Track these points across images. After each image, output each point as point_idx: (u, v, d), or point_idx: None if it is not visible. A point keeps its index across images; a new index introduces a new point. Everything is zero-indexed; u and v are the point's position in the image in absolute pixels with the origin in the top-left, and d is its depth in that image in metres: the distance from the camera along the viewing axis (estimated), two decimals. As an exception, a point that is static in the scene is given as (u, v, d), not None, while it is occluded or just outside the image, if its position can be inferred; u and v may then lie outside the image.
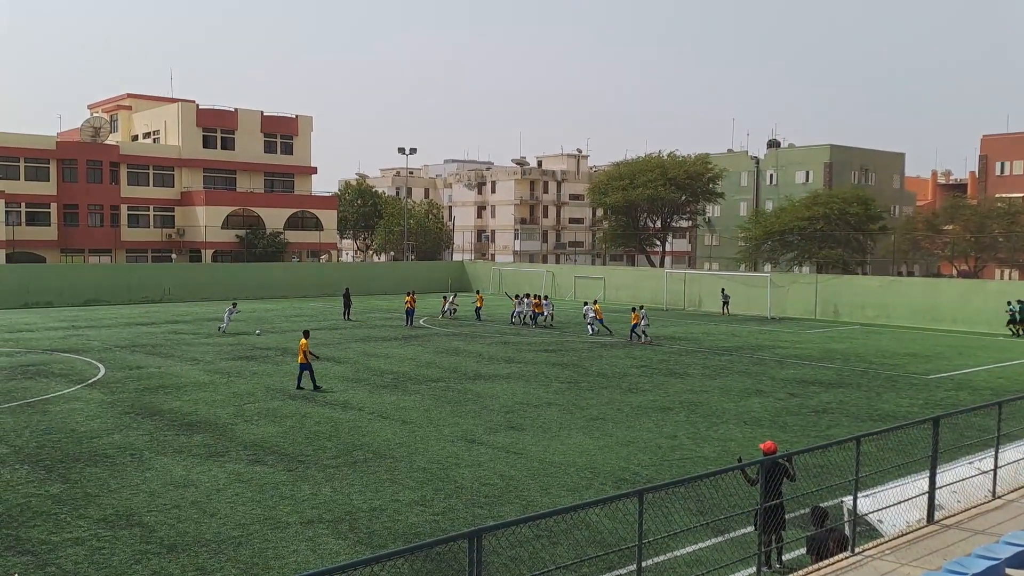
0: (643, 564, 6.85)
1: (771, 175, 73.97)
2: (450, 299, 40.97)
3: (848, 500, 8.67)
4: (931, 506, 9.00)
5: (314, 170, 66.17)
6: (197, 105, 60.91)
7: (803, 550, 9.45)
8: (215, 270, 53.39)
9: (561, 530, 10.52)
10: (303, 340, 21.09)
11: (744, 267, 59.45)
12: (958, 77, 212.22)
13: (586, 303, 36.32)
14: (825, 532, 8.65)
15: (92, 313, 41.17)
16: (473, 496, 12.39)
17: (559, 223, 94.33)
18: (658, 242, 67.88)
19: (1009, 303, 36.15)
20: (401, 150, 65.25)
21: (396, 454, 14.69)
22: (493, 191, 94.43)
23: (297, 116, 64.71)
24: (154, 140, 62.55)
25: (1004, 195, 61.20)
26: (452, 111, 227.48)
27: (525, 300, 37.82)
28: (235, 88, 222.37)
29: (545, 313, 37.21)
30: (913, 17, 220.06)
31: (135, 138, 64.42)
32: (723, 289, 44.69)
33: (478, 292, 46.47)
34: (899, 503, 8.87)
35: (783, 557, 9.88)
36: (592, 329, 34.07)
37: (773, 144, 76.78)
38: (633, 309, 32.86)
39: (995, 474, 9.89)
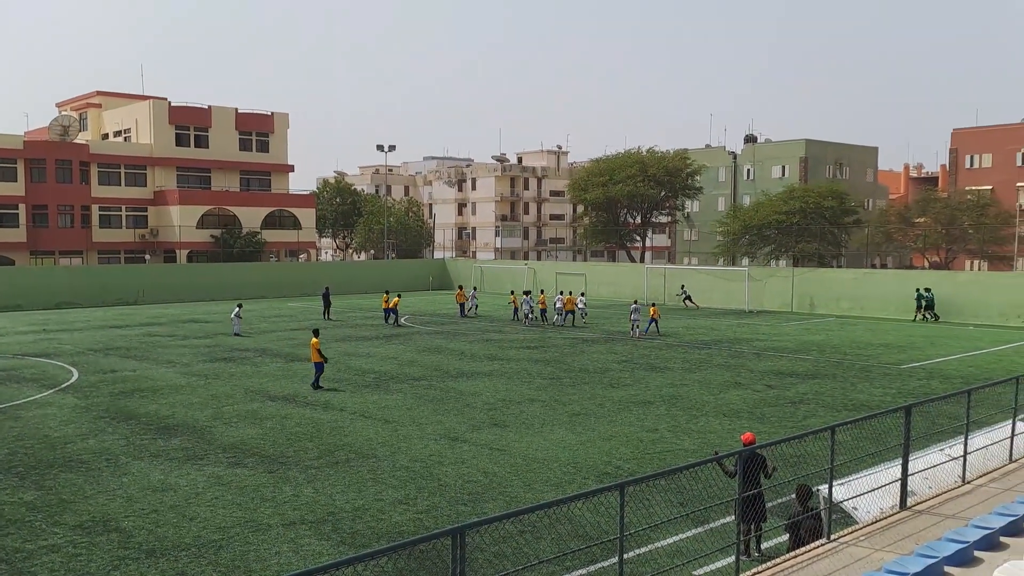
0: (625, 556, 6.92)
1: (748, 170, 74.61)
2: (472, 294, 41.53)
3: (824, 488, 8.82)
4: (903, 493, 9.19)
5: (291, 168, 65.60)
6: (169, 102, 60.07)
7: (782, 538, 9.59)
8: (190, 271, 52.78)
9: (544, 525, 10.58)
10: (314, 339, 21.04)
11: (722, 261, 59.97)
12: (929, 72, 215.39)
13: (559, 293, 37.48)
14: (804, 517, 8.78)
15: (64, 316, 40.54)
16: (456, 494, 12.41)
17: (540, 219, 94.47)
18: (638, 238, 68.24)
19: (918, 290, 37.08)
20: (380, 147, 64.96)
21: (379, 453, 14.67)
22: (473, 188, 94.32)
23: (273, 113, 64.08)
24: (125, 138, 61.64)
25: (973, 188, 62.30)
26: (431, 108, 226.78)
27: (525, 298, 37.96)
28: (208, 85, 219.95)
29: (579, 307, 38.00)
30: (885, 13, 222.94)
31: (105, 136, 63.42)
32: (683, 286, 44.93)
33: (460, 288, 46.49)
34: (873, 490, 9.04)
35: (762, 545, 10.02)
36: (558, 320, 35.56)
37: (750, 139, 77.48)
38: (653, 304, 34.22)
39: (964, 460, 10.10)
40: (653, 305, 34.55)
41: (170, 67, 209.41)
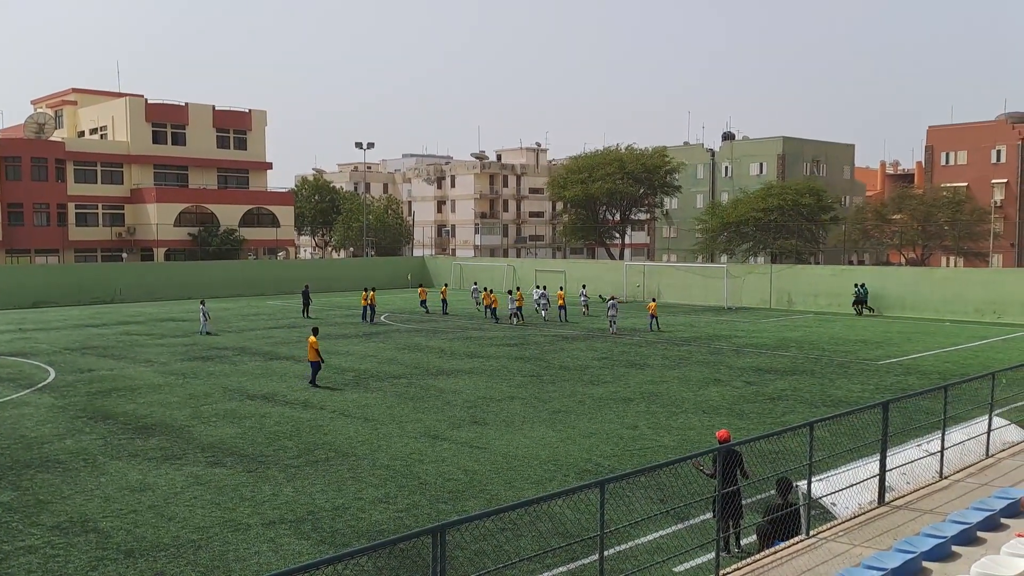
0: (606, 553, 6.93)
1: (726, 167, 75.11)
2: (473, 290, 42.05)
3: (802, 484, 8.90)
4: (882, 488, 9.28)
5: (269, 165, 65.07)
6: (146, 100, 59.33)
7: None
8: (168, 269, 52.19)
9: (525, 523, 10.58)
10: (312, 338, 21.10)
11: (701, 258, 60.35)
12: (905, 70, 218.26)
13: (538, 286, 38.04)
14: (782, 512, 8.84)
15: (40, 315, 39.92)
16: (437, 492, 12.39)
17: (519, 217, 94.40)
18: (617, 235, 68.46)
19: (856, 285, 37.78)
20: (359, 144, 64.52)
21: (359, 452, 14.60)
22: (453, 185, 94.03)
23: (250, 110, 63.48)
24: (101, 136, 60.75)
25: (949, 184, 63.21)
26: (410, 105, 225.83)
27: (507, 295, 38.09)
28: (185, 82, 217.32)
29: (582, 301, 38.81)
30: (861, 12, 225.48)
31: (81, 134, 62.48)
32: (583, 286, 42.97)
33: (445, 285, 46.47)
34: (851, 486, 9.11)
35: (741, 542, 10.10)
36: (545, 315, 36.37)
37: (728, 137, 77.99)
38: (652, 300, 34.88)
39: (942, 456, 10.22)
40: (653, 301, 34.40)
41: (147, 64, 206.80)
